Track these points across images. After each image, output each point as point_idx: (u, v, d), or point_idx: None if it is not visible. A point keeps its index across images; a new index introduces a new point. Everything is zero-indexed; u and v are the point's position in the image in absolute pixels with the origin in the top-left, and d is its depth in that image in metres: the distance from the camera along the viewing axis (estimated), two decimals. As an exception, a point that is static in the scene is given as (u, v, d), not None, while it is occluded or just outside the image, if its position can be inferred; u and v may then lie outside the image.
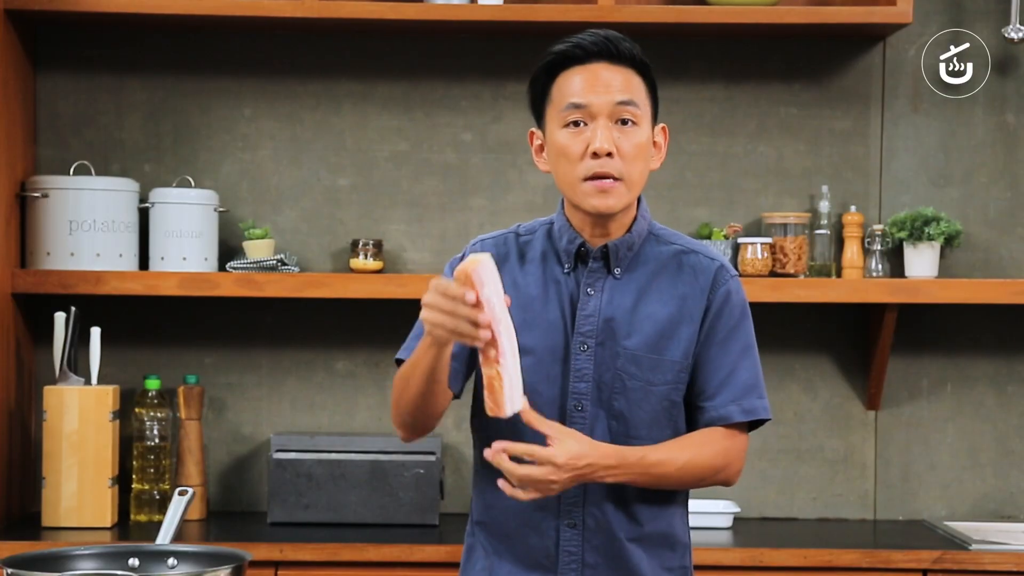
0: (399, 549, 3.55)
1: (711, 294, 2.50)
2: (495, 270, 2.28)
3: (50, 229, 3.84)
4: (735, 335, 2.51)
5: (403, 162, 4.08)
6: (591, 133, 2.42)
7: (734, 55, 4.08)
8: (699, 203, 4.08)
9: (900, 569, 3.56)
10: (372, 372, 4.07)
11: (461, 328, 2.27)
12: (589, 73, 2.44)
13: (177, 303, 4.03)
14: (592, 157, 2.42)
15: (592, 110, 2.42)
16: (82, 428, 3.75)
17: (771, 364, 4.07)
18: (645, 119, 2.45)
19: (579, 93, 2.43)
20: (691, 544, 2.60)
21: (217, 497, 4.06)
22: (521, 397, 2.34)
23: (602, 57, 2.44)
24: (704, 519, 3.83)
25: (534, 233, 2.56)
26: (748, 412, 2.50)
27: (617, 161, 2.42)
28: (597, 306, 2.48)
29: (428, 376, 2.41)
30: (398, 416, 2.54)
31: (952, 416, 4.11)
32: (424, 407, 2.48)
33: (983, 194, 4.10)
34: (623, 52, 2.45)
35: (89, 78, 4.05)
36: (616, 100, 2.42)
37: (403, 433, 2.56)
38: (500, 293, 2.28)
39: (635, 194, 2.47)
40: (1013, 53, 4.09)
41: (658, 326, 2.48)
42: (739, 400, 2.49)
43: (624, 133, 2.43)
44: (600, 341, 2.47)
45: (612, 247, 2.49)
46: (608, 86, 2.43)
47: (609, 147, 2.41)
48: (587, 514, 2.48)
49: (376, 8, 3.81)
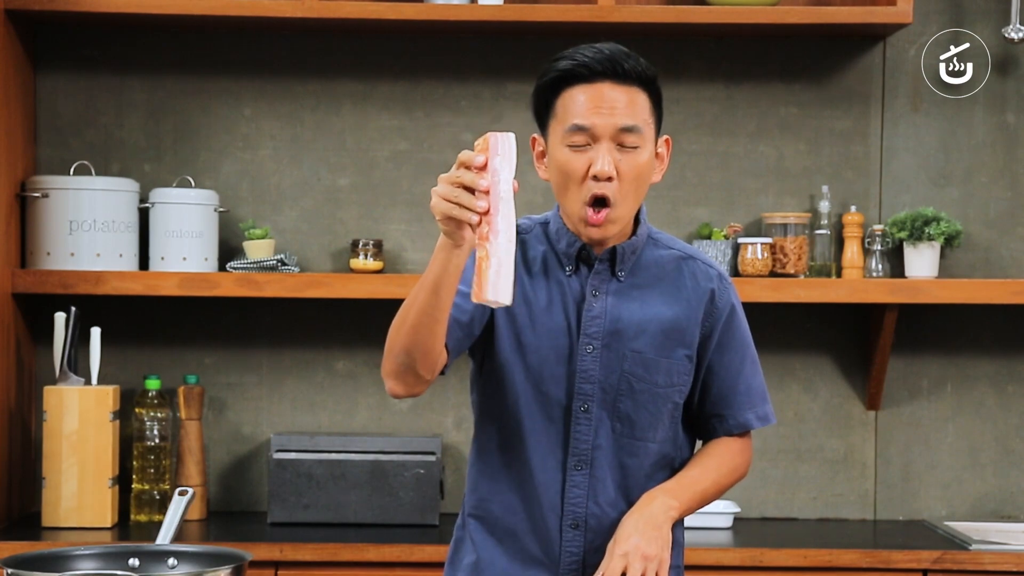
0: (399, 549, 3.55)
1: (714, 302, 2.53)
2: (514, 149, 2.20)
3: (50, 229, 3.84)
4: (744, 344, 2.58)
5: (403, 162, 4.08)
6: (594, 154, 2.41)
7: (734, 55, 4.08)
8: (699, 203, 4.08)
9: (900, 569, 3.56)
10: (372, 372, 4.07)
11: (461, 198, 2.17)
12: (593, 93, 2.42)
13: (177, 303, 4.03)
14: (593, 179, 2.41)
15: (595, 132, 2.41)
16: (82, 428, 3.75)
17: (771, 364, 4.08)
18: (648, 140, 2.45)
19: (582, 115, 2.42)
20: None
21: (217, 497, 4.06)
22: (509, 289, 2.17)
23: (607, 76, 2.42)
24: (704, 519, 3.83)
25: (531, 232, 2.55)
26: (763, 419, 2.60)
27: (615, 184, 2.42)
28: (603, 308, 2.48)
29: (432, 289, 2.26)
30: (390, 356, 2.38)
31: (952, 416, 4.11)
32: (420, 338, 2.32)
33: (983, 194, 4.10)
34: (627, 71, 2.43)
35: (89, 78, 4.05)
36: (619, 125, 2.41)
37: (394, 384, 2.40)
38: (511, 171, 2.20)
39: (628, 216, 2.47)
40: (1013, 53, 4.09)
41: (664, 328, 2.49)
42: (755, 407, 2.59)
43: (625, 155, 2.42)
44: (606, 343, 2.47)
45: (619, 250, 2.49)
46: (612, 109, 2.41)
47: (610, 171, 2.40)
48: (589, 515, 2.49)
49: (376, 8, 3.81)
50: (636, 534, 2.40)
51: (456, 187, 2.18)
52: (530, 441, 2.48)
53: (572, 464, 2.48)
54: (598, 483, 2.48)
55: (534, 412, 2.48)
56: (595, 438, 2.47)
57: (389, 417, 4.08)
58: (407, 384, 2.40)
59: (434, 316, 2.30)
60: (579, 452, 2.48)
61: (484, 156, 2.18)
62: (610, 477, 2.49)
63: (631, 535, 2.40)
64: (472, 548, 2.55)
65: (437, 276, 2.26)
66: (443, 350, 2.38)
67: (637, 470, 2.50)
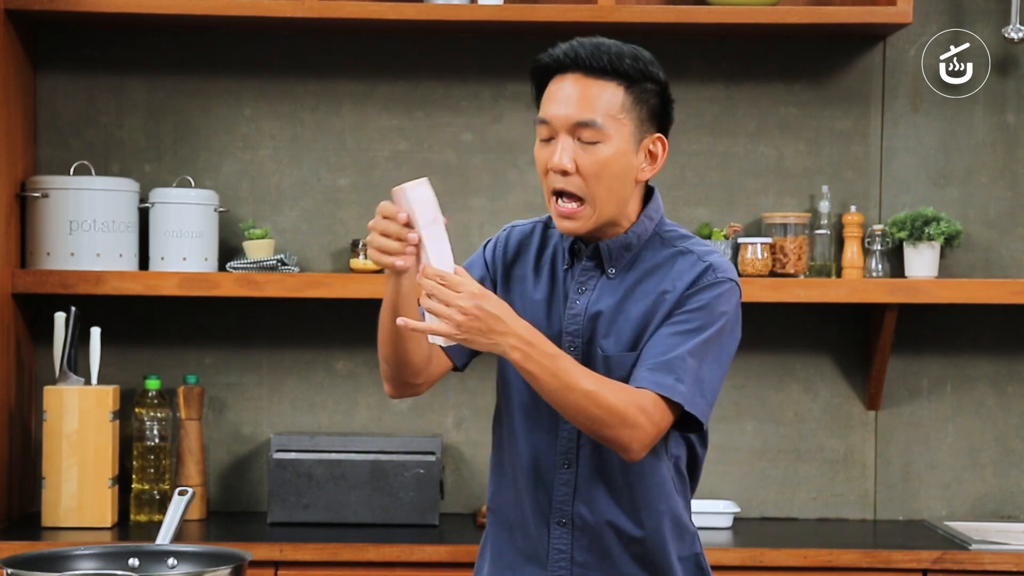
0: (399, 549, 3.55)
1: (688, 287, 2.42)
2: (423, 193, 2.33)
3: (50, 229, 3.84)
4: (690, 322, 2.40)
5: (403, 162, 4.08)
6: (553, 148, 2.41)
7: (734, 55, 4.08)
8: (699, 203, 4.08)
9: (900, 569, 3.56)
10: (372, 372, 4.07)
11: (386, 244, 2.31)
12: (556, 86, 2.42)
13: (177, 303, 4.03)
14: (555, 172, 2.41)
15: (554, 126, 2.40)
16: (82, 428, 3.75)
17: (771, 364, 4.08)
18: (614, 136, 2.40)
19: (544, 108, 2.42)
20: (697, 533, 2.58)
21: (217, 497, 4.06)
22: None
23: (576, 68, 2.41)
24: (704, 519, 3.83)
25: (533, 232, 2.58)
26: (659, 385, 2.35)
27: (577, 179, 2.39)
28: (584, 305, 2.47)
29: (391, 310, 2.37)
30: (381, 364, 2.49)
31: (952, 416, 4.11)
32: (397, 353, 2.42)
33: (983, 194, 4.10)
34: (592, 64, 2.40)
35: (89, 78, 4.05)
36: (573, 120, 2.39)
37: (386, 387, 2.51)
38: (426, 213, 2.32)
39: (607, 212, 2.42)
40: (1013, 53, 4.09)
41: (633, 324, 2.44)
42: (659, 371, 2.36)
43: (586, 150, 2.39)
44: (587, 340, 2.47)
45: (603, 247, 2.48)
46: (568, 102, 2.39)
47: (565, 164, 2.38)
48: (575, 513, 2.48)
49: (376, 8, 3.81)
50: (475, 306, 2.26)
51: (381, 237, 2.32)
52: (524, 437, 2.49)
53: (559, 462, 2.48)
54: (583, 481, 2.47)
55: (528, 409, 2.49)
56: (579, 436, 2.46)
57: (389, 417, 4.08)
58: (399, 388, 2.51)
59: (400, 334, 2.40)
60: (564, 450, 2.48)
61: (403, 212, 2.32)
62: (595, 475, 2.48)
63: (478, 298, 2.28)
64: (492, 542, 2.58)
65: (392, 299, 2.38)
66: (427, 361, 2.47)
67: (622, 466, 2.46)
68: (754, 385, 4.07)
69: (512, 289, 2.54)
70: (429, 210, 2.32)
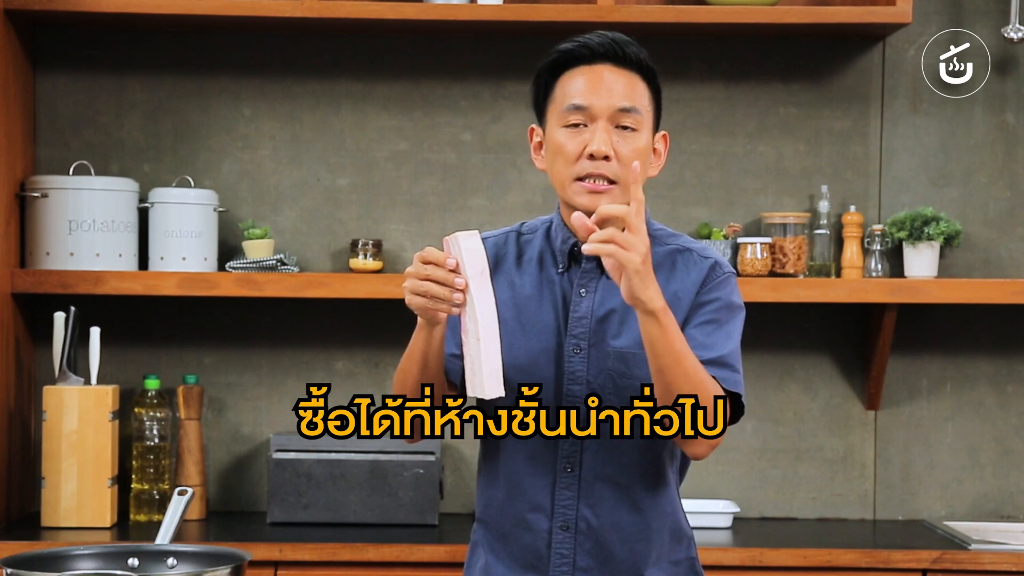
0: (399, 549, 3.55)
1: (701, 288, 2.46)
2: (474, 244, 2.30)
3: (50, 229, 3.84)
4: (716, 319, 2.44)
5: (403, 162, 4.08)
6: (590, 135, 2.41)
7: (734, 55, 4.08)
8: (699, 203, 4.08)
9: (900, 569, 3.56)
10: (372, 372, 4.07)
11: (434, 290, 2.28)
12: (593, 74, 2.43)
13: (177, 303, 4.03)
14: (588, 158, 2.41)
15: (593, 112, 2.41)
16: (82, 428, 3.75)
17: (771, 364, 4.08)
18: (646, 126, 2.44)
19: (581, 94, 2.42)
20: (694, 537, 2.58)
21: (217, 497, 4.06)
22: (494, 384, 2.30)
23: (607, 59, 2.43)
24: (704, 519, 3.83)
25: (535, 232, 2.56)
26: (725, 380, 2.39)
27: (614, 164, 2.40)
28: (589, 307, 2.47)
29: (421, 362, 2.40)
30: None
31: (952, 416, 4.11)
32: None
33: (983, 194, 4.10)
34: (629, 56, 2.44)
35: (89, 78, 4.05)
36: (618, 106, 2.41)
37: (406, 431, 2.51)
38: (476, 266, 2.29)
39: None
40: (1013, 53, 4.09)
41: None
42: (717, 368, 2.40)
43: (623, 138, 2.42)
44: (593, 343, 2.46)
45: None
46: (611, 90, 2.42)
47: (607, 150, 2.40)
48: (579, 517, 2.48)
49: (376, 8, 3.81)
50: (647, 251, 2.26)
51: (425, 282, 2.29)
52: (522, 443, 2.48)
53: (561, 466, 2.47)
54: (587, 484, 2.47)
55: None
56: (581, 437, 2.46)
57: (389, 417, 4.07)
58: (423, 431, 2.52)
59: (428, 381, 2.43)
60: (567, 453, 2.47)
61: (453, 258, 2.30)
62: (599, 477, 2.47)
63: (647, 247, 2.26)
64: (483, 552, 2.57)
65: (423, 351, 2.40)
66: (448, 391, 2.50)
67: (626, 469, 2.47)
68: (754, 385, 4.06)
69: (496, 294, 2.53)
70: (478, 261, 2.31)
